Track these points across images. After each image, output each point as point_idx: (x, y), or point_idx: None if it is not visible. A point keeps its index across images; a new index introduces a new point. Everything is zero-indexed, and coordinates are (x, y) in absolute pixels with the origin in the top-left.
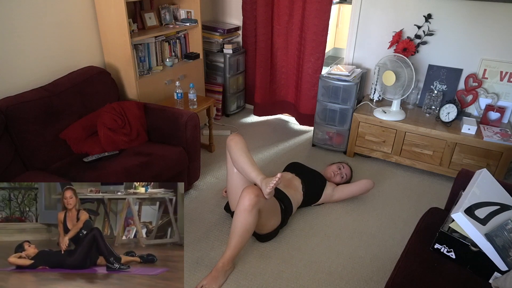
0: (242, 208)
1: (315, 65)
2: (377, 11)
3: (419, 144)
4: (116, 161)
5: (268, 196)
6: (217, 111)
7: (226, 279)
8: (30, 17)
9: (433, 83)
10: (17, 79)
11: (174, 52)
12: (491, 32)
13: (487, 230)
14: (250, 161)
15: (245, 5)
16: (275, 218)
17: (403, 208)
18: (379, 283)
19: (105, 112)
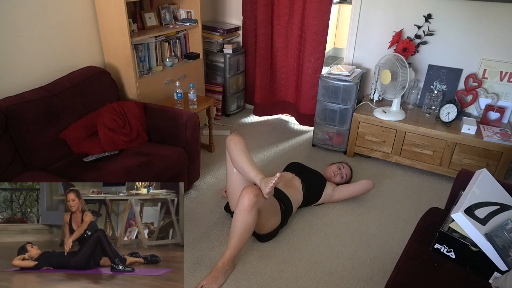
0: (242, 208)
1: (315, 65)
2: (377, 11)
3: (419, 144)
4: (116, 161)
5: (268, 195)
6: (217, 111)
7: (226, 279)
8: (30, 17)
9: (433, 83)
10: (17, 79)
11: (174, 52)
12: (491, 32)
13: (487, 230)
14: (250, 161)
15: (245, 5)
16: (275, 218)
17: (403, 208)
18: (379, 283)
19: (105, 112)
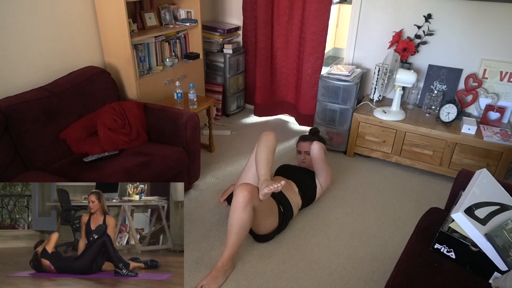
0: (236, 205)
1: (314, 65)
2: (377, 11)
3: (419, 144)
4: (116, 161)
5: (262, 197)
6: (217, 111)
7: (226, 278)
8: (30, 17)
9: (433, 83)
10: (17, 79)
11: (174, 52)
12: (491, 32)
13: (487, 230)
14: (267, 160)
15: (245, 5)
16: (271, 219)
17: (403, 208)
18: (379, 283)
19: (105, 112)
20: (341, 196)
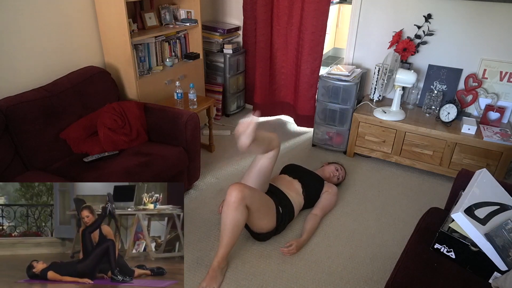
0: (229, 205)
1: (313, 65)
2: (377, 11)
3: (419, 144)
4: (116, 161)
5: (241, 147)
6: (217, 111)
7: (224, 276)
8: (30, 17)
9: (433, 83)
10: (17, 79)
11: (174, 52)
12: (491, 32)
13: (487, 230)
14: (266, 133)
15: (245, 5)
16: (267, 219)
17: (403, 208)
18: (379, 283)
19: (105, 112)
20: (341, 196)
